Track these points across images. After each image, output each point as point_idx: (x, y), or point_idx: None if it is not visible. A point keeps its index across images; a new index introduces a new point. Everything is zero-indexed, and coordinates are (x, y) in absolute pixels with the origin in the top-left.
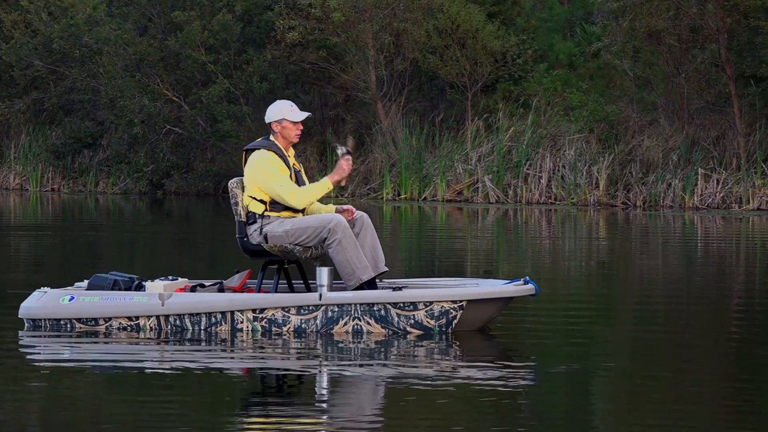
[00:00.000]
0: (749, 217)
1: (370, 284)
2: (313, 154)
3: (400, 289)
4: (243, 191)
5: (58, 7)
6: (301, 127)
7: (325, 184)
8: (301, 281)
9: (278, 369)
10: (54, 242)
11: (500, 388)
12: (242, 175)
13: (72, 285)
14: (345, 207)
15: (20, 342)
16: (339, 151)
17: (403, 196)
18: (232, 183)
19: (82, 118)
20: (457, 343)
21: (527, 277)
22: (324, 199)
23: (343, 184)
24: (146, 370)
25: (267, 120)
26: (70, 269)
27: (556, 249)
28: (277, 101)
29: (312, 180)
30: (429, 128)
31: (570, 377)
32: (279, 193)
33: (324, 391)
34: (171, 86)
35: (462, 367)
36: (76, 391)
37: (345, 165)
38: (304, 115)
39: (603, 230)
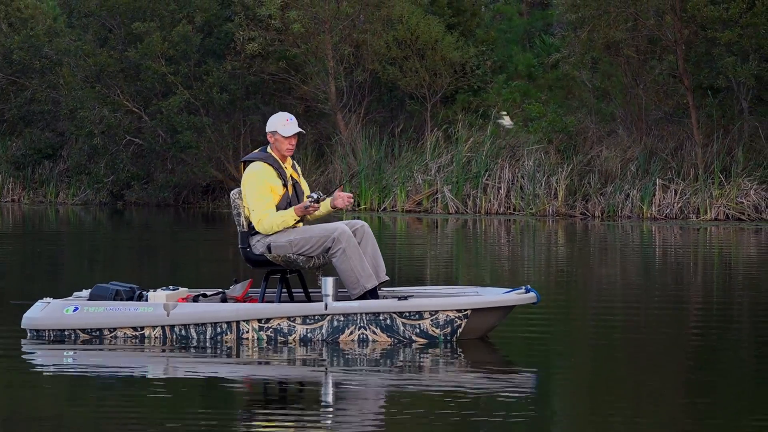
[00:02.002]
0: (707, 228)
1: (372, 293)
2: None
3: (405, 298)
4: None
5: (18, 18)
6: (294, 142)
7: (291, 215)
8: (301, 290)
9: (283, 377)
10: (24, 252)
11: (503, 397)
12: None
13: (71, 295)
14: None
15: (26, 352)
16: (310, 198)
17: (362, 207)
18: (234, 194)
19: (42, 129)
20: (461, 352)
21: (528, 286)
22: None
23: (309, 217)
24: (152, 380)
25: (266, 130)
26: (39, 279)
27: (516, 258)
28: (278, 113)
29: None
30: (388, 139)
31: (570, 385)
32: (253, 215)
33: (329, 400)
34: (131, 97)
35: (465, 375)
36: (84, 402)
37: (311, 209)
38: (295, 130)
39: (562, 240)
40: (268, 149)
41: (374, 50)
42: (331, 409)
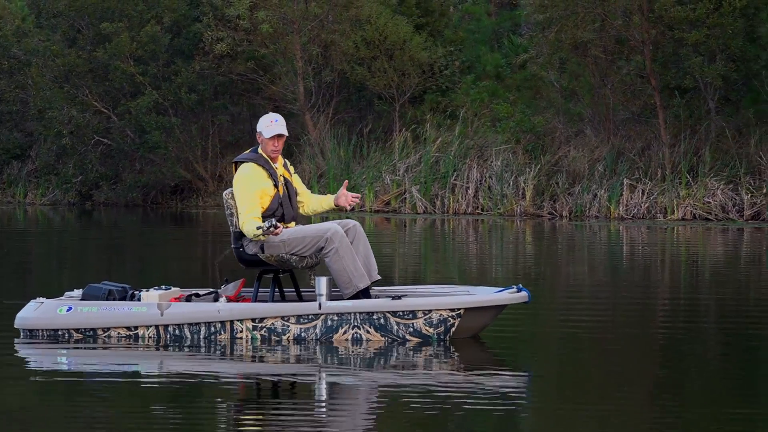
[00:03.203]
0: (674, 227)
1: (364, 292)
2: None
3: (399, 297)
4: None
5: None
6: (278, 144)
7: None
8: (293, 289)
9: (276, 377)
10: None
11: (495, 396)
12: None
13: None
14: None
15: (20, 352)
16: (266, 224)
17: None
18: (227, 194)
19: (11, 129)
20: (454, 351)
21: (520, 285)
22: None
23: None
24: (145, 380)
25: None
26: (8, 279)
27: (483, 257)
28: (268, 113)
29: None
30: (357, 139)
31: (563, 384)
32: (239, 218)
33: (322, 399)
34: (99, 97)
35: (459, 373)
36: (80, 402)
37: (269, 235)
38: (274, 132)
39: (530, 239)
40: (259, 149)
41: (342, 50)
42: (324, 408)
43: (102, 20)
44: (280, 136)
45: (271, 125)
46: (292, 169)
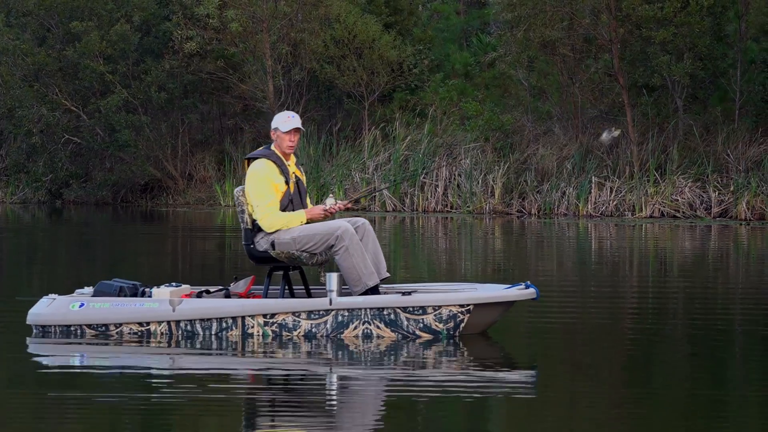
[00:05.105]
0: (642, 225)
1: (374, 290)
2: (211, 162)
3: (409, 293)
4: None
5: None
6: (294, 138)
7: (300, 216)
8: (302, 286)
9: (287, 372)
10: None
11: (505, 392)
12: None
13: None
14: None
15: (32, 348)
16: (328, 201)
17: None
18: (238, 191)
19: None
20: (463, 346)
21: (528, 282)
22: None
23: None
24: (156, 374)
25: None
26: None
27: (453, 253)
28: (282, 111)
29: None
30: (326, 137)
31: (570, 381)
32: (256, 211)
33: (333, 394)
34: (69, 96)
35: (468, 369)
36: (91, 397)
37: (323, 211)
38: (292, 125)
39: (499, 237)
40: (272, 147)
41: (312, 49)
42: (335, 404)
43: (72, 19)
44: (297, 129)
45: (289, 120)
46: (302, 167)
